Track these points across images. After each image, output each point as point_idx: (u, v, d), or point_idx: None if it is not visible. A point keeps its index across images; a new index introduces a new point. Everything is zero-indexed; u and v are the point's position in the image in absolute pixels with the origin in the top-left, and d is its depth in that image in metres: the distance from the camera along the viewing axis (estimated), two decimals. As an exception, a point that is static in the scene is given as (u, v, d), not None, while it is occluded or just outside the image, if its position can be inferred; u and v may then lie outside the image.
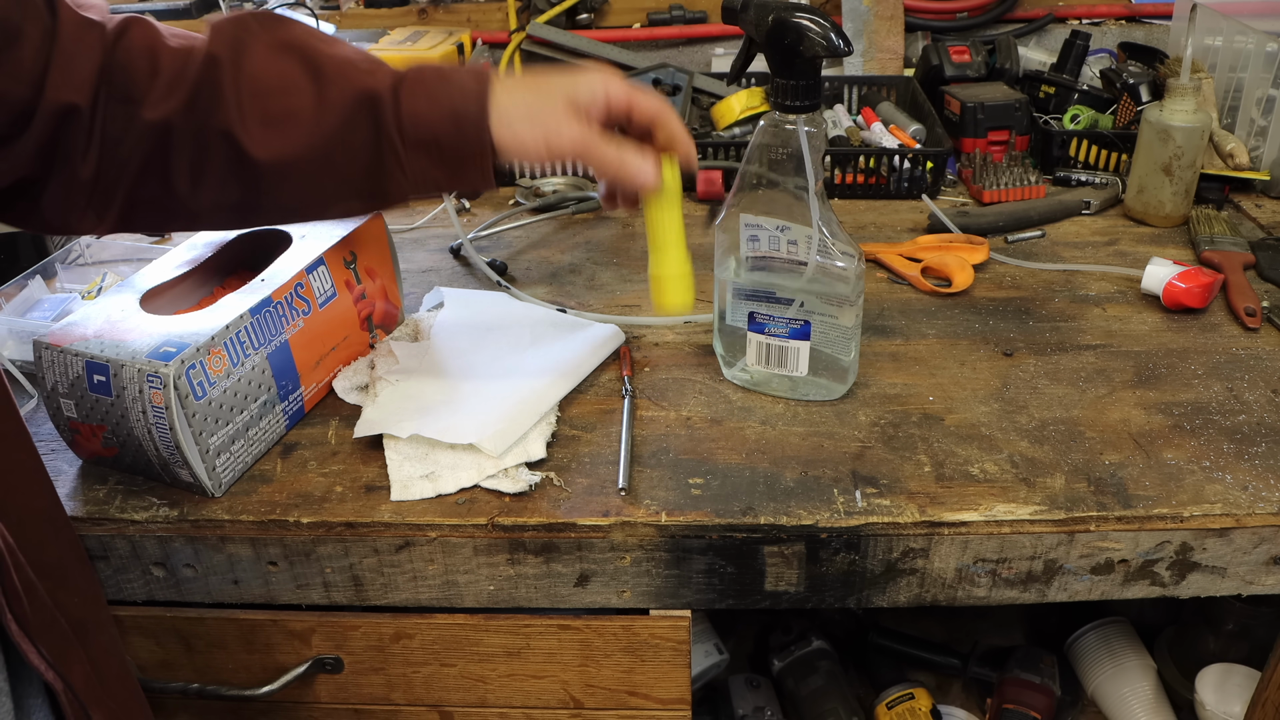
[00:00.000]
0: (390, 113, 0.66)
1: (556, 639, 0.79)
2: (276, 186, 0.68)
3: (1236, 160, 1.17)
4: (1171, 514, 0.70)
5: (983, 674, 1.18)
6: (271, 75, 0.66)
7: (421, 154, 0.67)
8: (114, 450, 0.75)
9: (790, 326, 0.81)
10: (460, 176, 0.69)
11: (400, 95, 0.67)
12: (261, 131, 0.66)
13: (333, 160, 0.67)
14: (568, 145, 0.69)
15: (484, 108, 0.67)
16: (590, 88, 0.70)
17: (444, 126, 0.67)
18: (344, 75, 0.67)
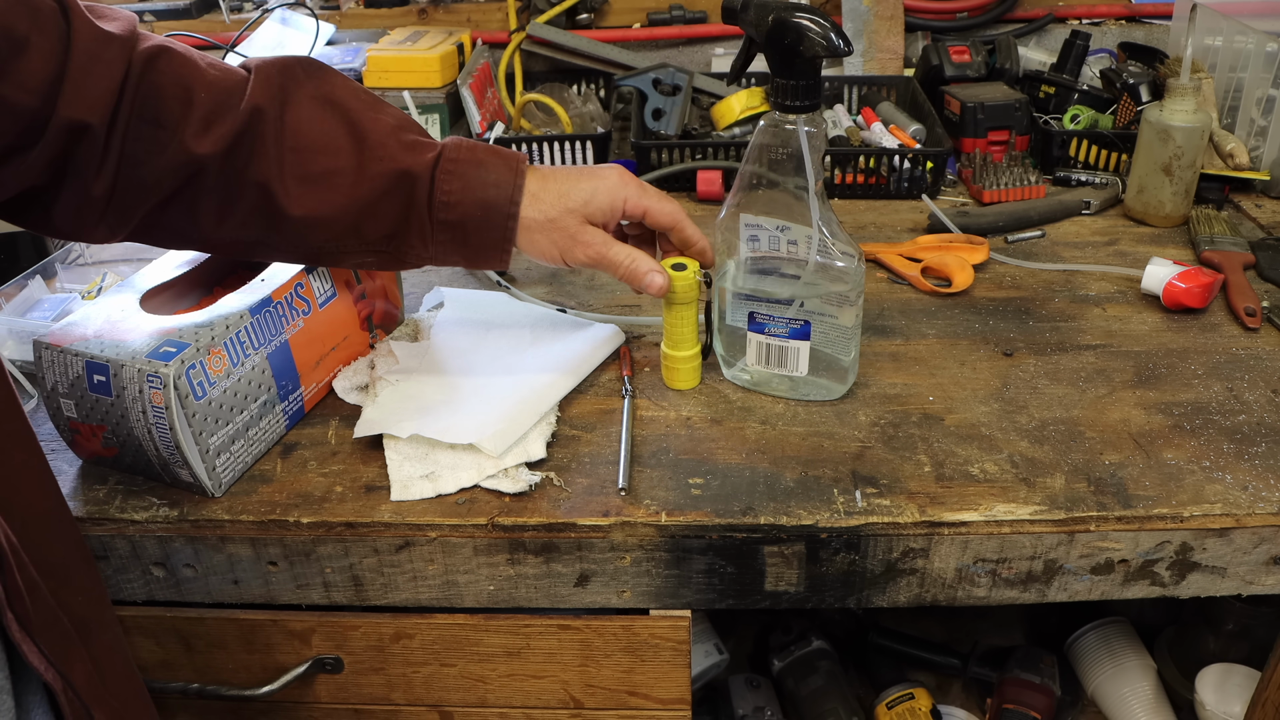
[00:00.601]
0: (424, 193, 0.70)
1: (556, 639, 0.79)
2: (299, 237, 0.71)
3: (1236, 160, 1.17)
4: (1171, 514, 0.70)
5: (983, 674, 1.18)
6: (314, 133, 0.69)
7: (446, 233, 0.71)
8: (114, 450, 0.75)
9: (790, 326, 0.81)
10: (478, 260, 0.74)
11: (437, 176, 0.70)
12: (298, 188, 0.68)
13: (361, 223, 0.70)
14: (582, 258, 0.75)
15: (514, 205, 0.72)
16: (609, 199, 0.75)
17: (473, 213, 0.71)
18: (385, 146, 0.70)
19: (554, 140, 1.26)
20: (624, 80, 1.30)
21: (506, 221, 0.72)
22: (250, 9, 1.57)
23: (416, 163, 0.70)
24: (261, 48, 1.43)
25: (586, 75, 1.47)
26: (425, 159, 0.70)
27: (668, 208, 0.78)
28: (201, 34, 1.51)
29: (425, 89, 1.33)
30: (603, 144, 1.26)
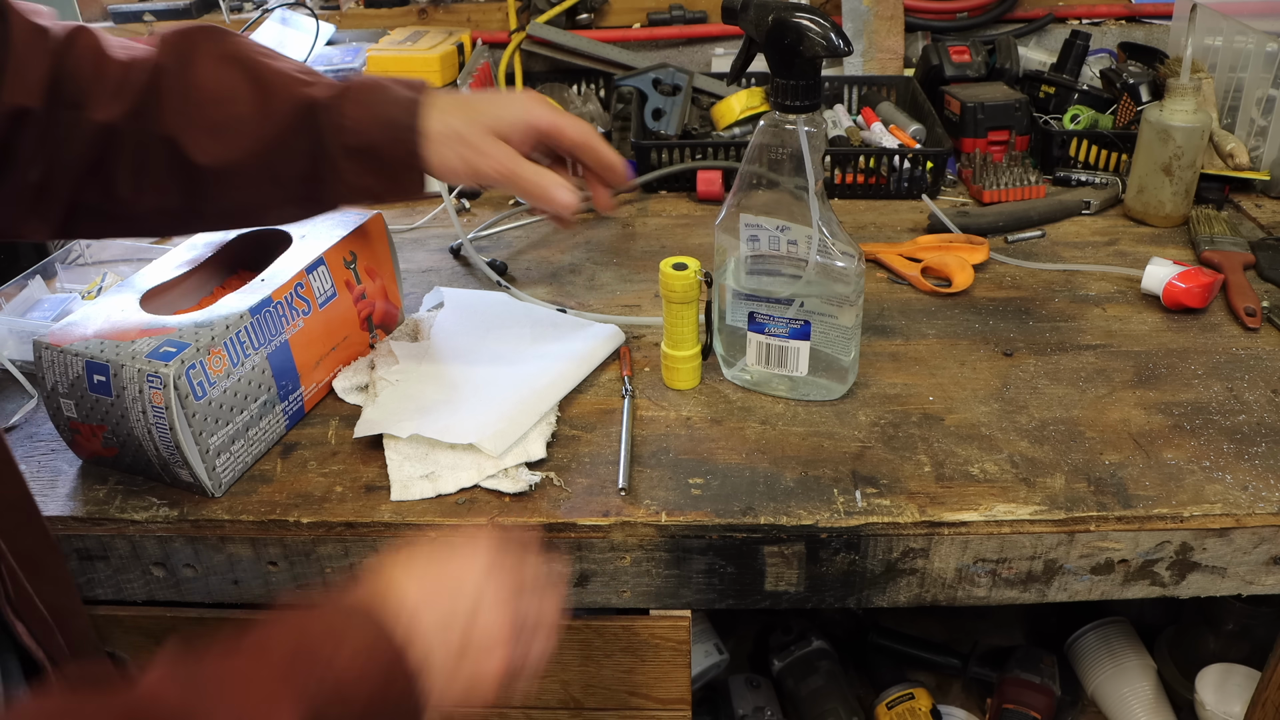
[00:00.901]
0: (329, 120, 0.69)
1: (556, 639, 0.79)
2: (217, 191, 0.70)
3: (1236, 160, 1.17)
4: (1171, 514, 0.70)
5: (983, 674, 1.18)
6: (216, 85, 0.69)
7: (357, 161, 0.70)
8: (114, 450, 0.75)
9: (790, 326, 0.81)
10: (394, 184, 0.72)
11: (340, 104, 0.69)
12: (205, 138, 0.68)
13: (273, 166, 0.70)
14: (489, 169, 0.72)
15: (415, 119, 0.70)
16: (515, 114, 0.73)
17: (379, 134, 0.69)
18: (286, 86, 0.70)
19: (554, 140, 1.26)
20: (624, 80, 1.30)
21: (411, 135, 0.70)
22: (250, 9, 1.57)
23: (318, 95, 0.70)
24: (261, 48, 1.43)
25: (586, 75, 1.47)
26: (325, 90, 0.70)
27: (580, 126, 0.76)
28: (201, 34, 1.51)
29: (425, 89, 1.33)
30: (603, 144, 1.26)
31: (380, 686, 0.50)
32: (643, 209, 1.21)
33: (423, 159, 0.71)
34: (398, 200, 0.75)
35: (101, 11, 1.58)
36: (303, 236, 0.84)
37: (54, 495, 0.76)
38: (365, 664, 0.49)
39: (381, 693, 0.50)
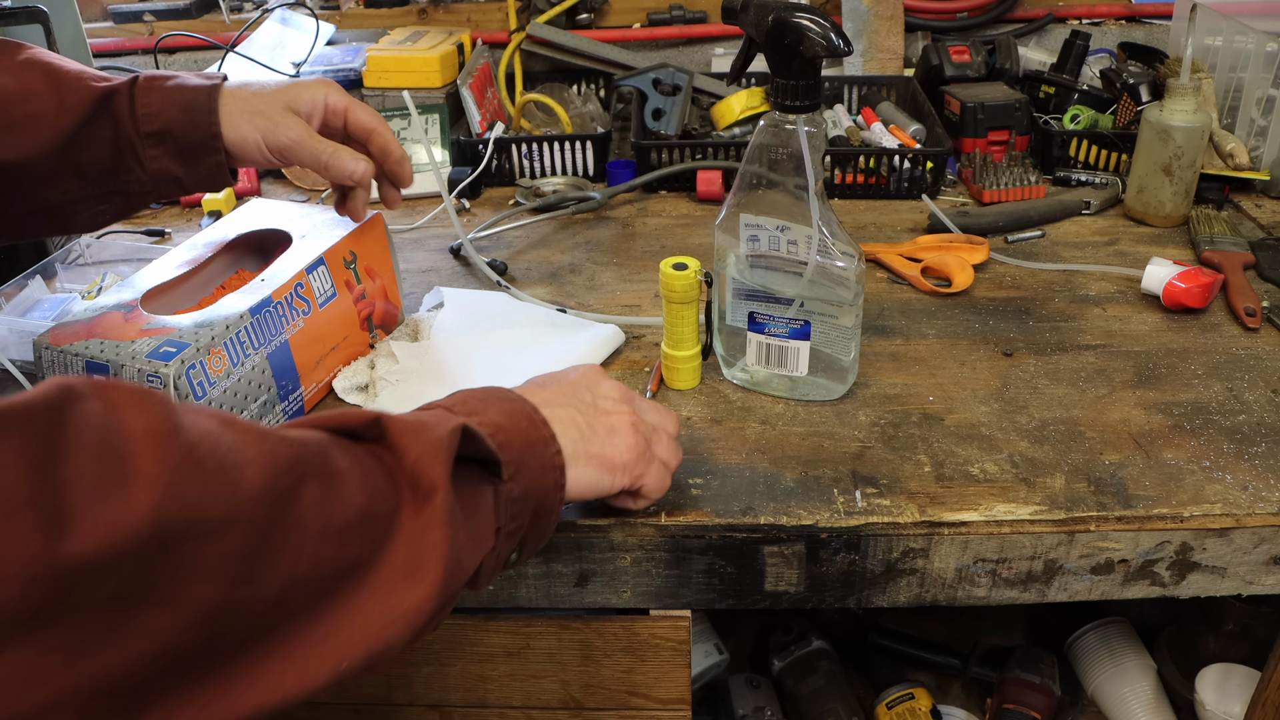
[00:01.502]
0: (126, 107, 0.71)
1: (556, 639, 0.79)
2: (22, 190, 0.71)
3: (1236, 160, 1.17)
4: (1171, 514, 0.70)
5: (983, 674, 1.18)
6: (13, 88, 0.70)
7: (156, 145, 0.72)
8: (114, 450, 0.75)
9: (790, 326, 0.81)
10: (196, 167, 0.73)
11: (136, 91, 0.71)
12: (3, 136, 0.69)
13: (74, 159, 0.71)
14: (285, 141, 0.74)
15: (213, 99, 0.72)
16: (310, 94, 0.77)
17: (175, 116, 0.71)
18: (82, 81, 0.71)
19: (554, 140, 1.26)
20: (624, 80, 1.30)
21: (207, 117, 0.72)
22: (250, 9, 1.57)
23: (113, 85, 0.72)
24: (262, 48, 1.43)
25: (586, 75, 1.47)
26: (122, 81, 0.72)
27: (369, 113, 0.79)
28: (201, 34, 1.51)
29: (425, 89, 1.33)
30: (603, 144, 1.26)
31: (526, 435, 0.57)
32: (643, 209, 1.21)
33: (221, 138, 0.72)
34: (202, 188, 0.76)
35: (102, 11, 1.58)
36: (303, 236, 0.85)
37: (54, 495, 0.76)
38: (510, 415, 0.58)
39: (528, 441, 0.57)
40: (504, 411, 0.57)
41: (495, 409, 0.57)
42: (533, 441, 0.58)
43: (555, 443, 0.59)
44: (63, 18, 1.31)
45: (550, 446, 0.59)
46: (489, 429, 0.55)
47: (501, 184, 1.28)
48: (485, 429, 0.54)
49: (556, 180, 1.26)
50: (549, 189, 1.23)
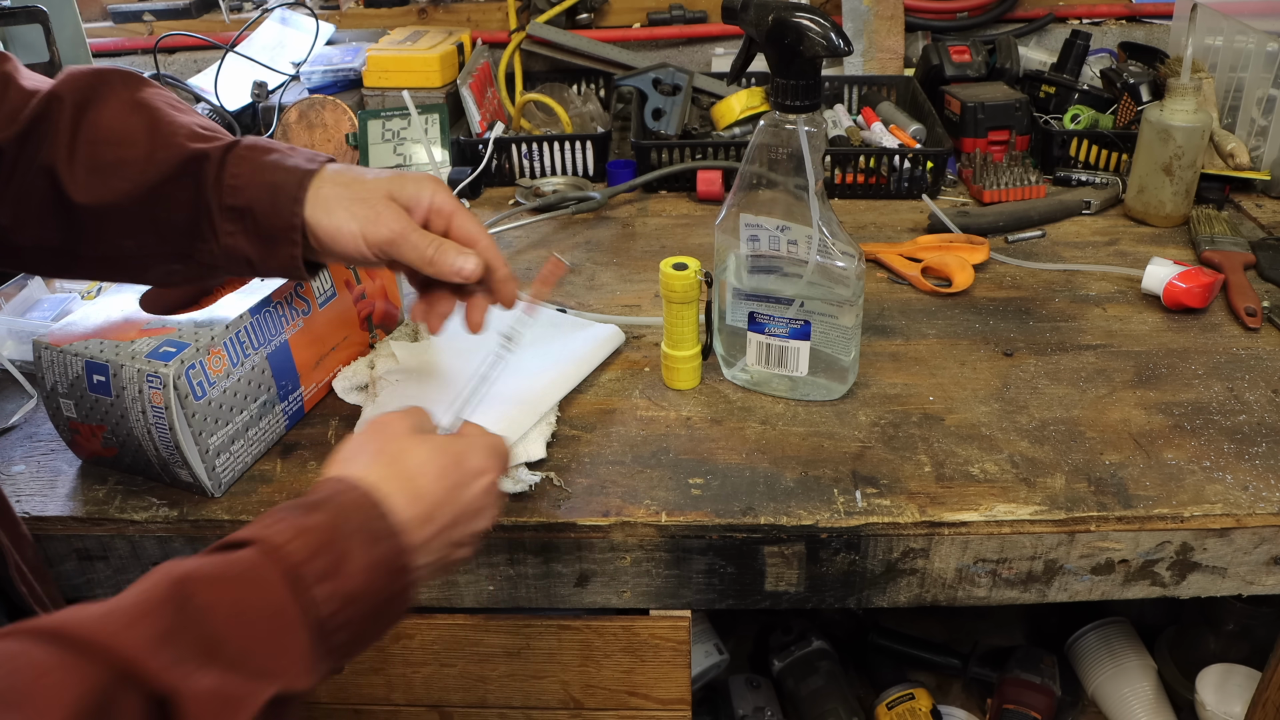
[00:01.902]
0: (213, 174, 0.66)
1: (556, 639, 0.79)
2: (95, 234, 0.67)
3: (1237, 160, 1.17)
4: (1172, 514, 0.70)
5: (983, 674, 1.18)
6: (115, 129, 0.67)
7: (234, 221, 0.66)
8: (114, 450, 0.75)
9: (790, 326, 0.81)
10: (270, 254, 0.67)
11: (227, 160, 0.66)
12: (85, 175, 0.66)
13: (151, 213, 0.66)
14: (385, 234, 0.66)
15: (303, 187, 0.65)
16: (416, 188, 0.68)
17: (259, 195, 0.65)
18: (177, 135, 0.67)
19: (554, 140, 1.26)
20: (624, 80, 1.30)
21: (293, 205, 0.65)
22: (250, 9, 1.57)
23: (207, 148, 0.66)
24: (261, 47, 1.44)
25: (586, 75, 1.47)
26: (218, 145, 0.67)
27: (475, 224, 0.70)
28: (201, 34, 1.51)
29: (425, 89, 1.33)
30: (603, 144, 1.26)
31: (378, 598, 0.52)
32: (643, 209, 1.21)
33: (304, 230, 0.66)
34: (275, 274, 0.69)
35: (101, 11, 1.58)
36: (302, 236, 0.84)
37: (54, 495, 0.76)
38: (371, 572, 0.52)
39: (375, 608, 0.52)
40: (366, 566, 0.51)
41: (359, 559, 0.51)
42: (386, 601, 0.53)
43: (413, 589, 0.55)
44: (62, 18, 1.31)
45: (407, 595, 0.54)
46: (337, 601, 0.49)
47: (501, 184, 1.28)
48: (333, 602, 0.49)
49: (556, 180, 1.25)
50: (549, 189, 1.23)
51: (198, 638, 0.45)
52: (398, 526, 0.54)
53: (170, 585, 0.46)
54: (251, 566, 0.48)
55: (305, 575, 0.48)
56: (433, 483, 0.57)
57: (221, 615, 0.46)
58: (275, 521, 0.50)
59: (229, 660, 0.45)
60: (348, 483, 0.54)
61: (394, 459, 0.57)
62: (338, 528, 0.51)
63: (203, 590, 0.46)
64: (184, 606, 0.45)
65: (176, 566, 0.47)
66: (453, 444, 0.59)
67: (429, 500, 0.56)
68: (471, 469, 0.59)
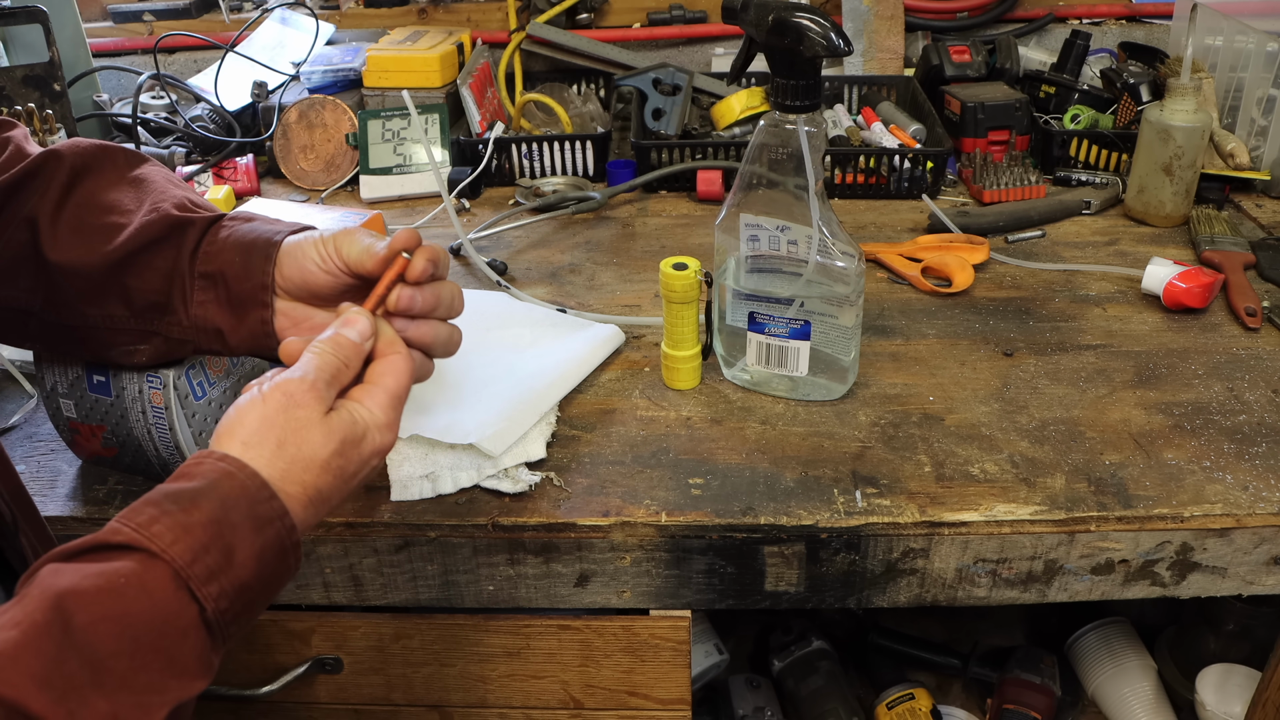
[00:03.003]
0: (193, 241, 0.64)
1: (556, 639, 0.79)
2: (62, 298, 0.66)
3: (1237, 160, 1.17)
4: (1172, 514, 0.70)
5: (983, 674, 1.18)
6: (106, 198, 0.66)
7: (207, 289, 0.65)
8: (114, 450, 0.75)
9: (790, 326, 0.81)
10: (240, 322, 0.65)
11: (209, 229, 0.65)
12: (67, 235, 0.65)
13: (123, 281, 0.65)
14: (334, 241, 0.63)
15: (273, 248, 0.64)
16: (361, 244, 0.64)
17: (232, 259, 0.64)
18: (166, 206, 0.65)
19: (554, 140, 1.26)
20: (624, 80, 1.30)
21: (264, 264, 0.63)
22: (250, 9, 1.57)
23: (193, 217, 0.65)
24: (261, 47, 1.44)
25: (586, 75, 1.47)
26: (203, 217, 0.65)
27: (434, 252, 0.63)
28: (201, 34, 1.51)
29: (425, 89, 1.33)
30: (603, 144, 1.26)
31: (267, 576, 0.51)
32: (643, 209, 1.21)
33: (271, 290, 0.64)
34: (245, 347, 0.66)
35: (101, 11, 1.58)
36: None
37: (54, 495, 0.76)
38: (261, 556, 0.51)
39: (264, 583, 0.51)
40: (255, 553, 0.50)
41: (247, 548, 0.50)
42: (276, 578, 0.52)
43: (298, 563, 0.54)
44: (62, 17, 1.32)
45: (291, 571, 0.54)
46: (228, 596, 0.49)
47: (501, 184, 1.28)
48: (225, 598, 0.49)
49: (556, 180, 1.25)
50: (549, 189, 1.23)
51: (84, 663, 0.44)
52: (285, 508, 0.52)
53: (51, 608, 0.44)
54: (135, 575, 0.46)
55: (193, 576, 0.47)
56: (322, 474, 0.55)
57: (107, 634, 0.45)
58: (154, 519, 0.48)
59: (119, 681, 0.44)
60: (231, 464, 0.52)
61: (292, 456, 0.54)
62: (222, 520, 0.49)
63: (85, 608, 0.45)
64: (66, 629, 0.44)
65: (57, 579, 0.45)
66: (353, 429, 0.56)
67: (318, 493, 0.55)
68: (368, 451, 0.57)
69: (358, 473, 0.57)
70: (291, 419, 0.55)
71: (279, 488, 0.53)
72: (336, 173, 1.29)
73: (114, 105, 1.39)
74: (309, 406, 0.55)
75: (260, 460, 0.53)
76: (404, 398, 0.60)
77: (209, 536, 0.49)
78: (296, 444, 0.54)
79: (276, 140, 1.29)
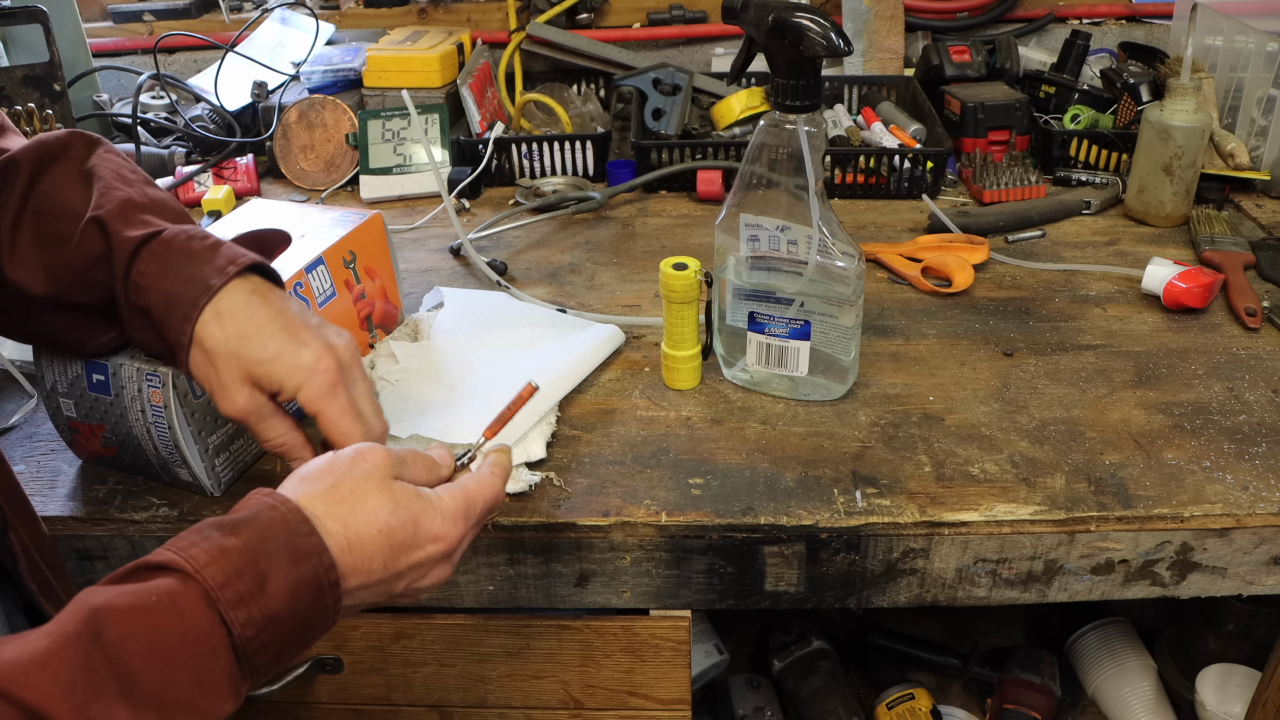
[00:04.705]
0: (122, 267, 0.63)
1: (556, 639, 0.79)
2: (25, 309, 0.67)
3: (1237, 160, 1.17)
4: (1172, 514, 0.70)
5: (983, 674, 1.18)
6: (59, 199, 0.66)
7: (141, 317, 0.65)
8: (113, 450, 0.75)
9: (790, 326, 0.81)
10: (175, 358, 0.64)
11: (140, 253, 0.63)
12: (26, 249, 0.65)
13: (75, 297, 0.66)
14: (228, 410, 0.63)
15: (197, 308, 0.62)
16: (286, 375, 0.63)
17: (156, 301, 0.63)
18: (106, 216, 0.64)
19: (554, 140, 1.26)
20: (624, 80, 1.30)
21: (183, 325, 0.62)
22: (250, 9, 1.57)
23: (125, 234, 0.63)
24: (261, 47, 1.44)
25: (586, 75, 1.47)
26: (135, 234, 0.63)
27: (349, 420, 0.64)
28: (201, 34, 1.51)
29: (425, 89, 1.33)
30: (603, 144, 1.26)
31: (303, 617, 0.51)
32: (643, 209, 1.21)
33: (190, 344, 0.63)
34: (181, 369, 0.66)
35: (101, 11, 1.58)
36: (302, 236, 0.84)
37: (54, 495, 0.76)
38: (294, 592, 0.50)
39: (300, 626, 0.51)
40: (289, 586, 0.50)
41: (280, 579, 0.49)
42: (312, 619, 0.51)
43: (338, 607, 0.53)
44: (62, 17, 1.32)
45: (335, 612, 0.53)
46: (257, 624, 0.48)
47: (501, 184, 1.28)
48: (253, 625, 0.48)
49: (556, 180, 1.25)
50: (549, 189, 1.23)
51: (111, 674, 0.44)
52: (324, 545, 0.51)
53: (83, 620, 0.44)
54: (167, 593, 0.47)
55: (223, 599, 0.47)
56: (375, 536, 0.54)
57: (136, 649, 0.45)
58: (193, 544, 0.49)
59: (145, 695, 0.45)
60: (276, 499, 0.52)
61: (344, 498, 0.54)
62: (258, 548, 0.49)
63: (116, 623, 0.45)
64: (97, 641, 0.44)
65: (92, 596, 0.46)
66: (415, 503, 0.56)
67: (363, 552, 0.53)
68: (425, 535, 0.56)
69: (410, 547, 0.55)
70: (355, 470, 0.55)
71: (320, 524, 0.52)
72: (336, 173, 1.29)
73: (114, 105, 1.39)
74: (376, 465, 0.56)
75: (308, 496, 0.53)
76: (479, 509, 0.60)
77: (243, 562, 0.49)
78: (351, 490, 0.54)
79: (276, 140, 1.29)
